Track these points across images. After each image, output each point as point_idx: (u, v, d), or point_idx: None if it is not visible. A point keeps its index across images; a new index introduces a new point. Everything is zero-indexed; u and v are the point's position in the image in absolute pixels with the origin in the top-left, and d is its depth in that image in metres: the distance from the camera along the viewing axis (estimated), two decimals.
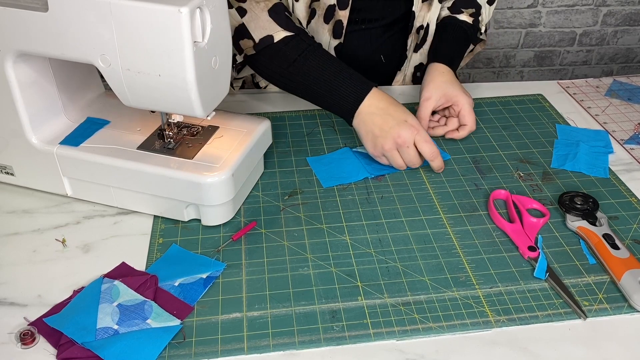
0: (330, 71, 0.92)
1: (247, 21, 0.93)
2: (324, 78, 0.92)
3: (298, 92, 0.97)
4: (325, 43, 1.05)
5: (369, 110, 0.90)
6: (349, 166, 0.92)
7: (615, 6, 2.35)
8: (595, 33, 2.41)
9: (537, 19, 2.34)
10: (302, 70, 0.93)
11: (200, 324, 0.68)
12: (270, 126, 0.88)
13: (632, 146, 0.98)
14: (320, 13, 1.01)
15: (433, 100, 0.97)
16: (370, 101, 0.90)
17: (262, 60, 0.96)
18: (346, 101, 0.91)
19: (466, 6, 1.09)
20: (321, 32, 1.03)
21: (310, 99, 0.96)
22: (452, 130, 0.98)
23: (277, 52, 0.94)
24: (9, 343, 0.66)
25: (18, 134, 0.80)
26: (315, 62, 0.93)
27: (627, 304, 0.71)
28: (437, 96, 0.98)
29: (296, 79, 0.94)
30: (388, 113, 0.89)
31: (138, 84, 0.71)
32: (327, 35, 1.04)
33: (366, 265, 0.76)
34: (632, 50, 2.49)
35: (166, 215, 0.82)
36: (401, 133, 0.87)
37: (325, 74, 0.92)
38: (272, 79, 0.99)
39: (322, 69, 0.92)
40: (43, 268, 0.75)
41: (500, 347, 0.66)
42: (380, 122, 0.89)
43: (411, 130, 0.88)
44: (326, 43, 1.05)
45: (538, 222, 0.81)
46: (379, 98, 0.91)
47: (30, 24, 0.70)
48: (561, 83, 1.17)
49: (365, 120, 0.90)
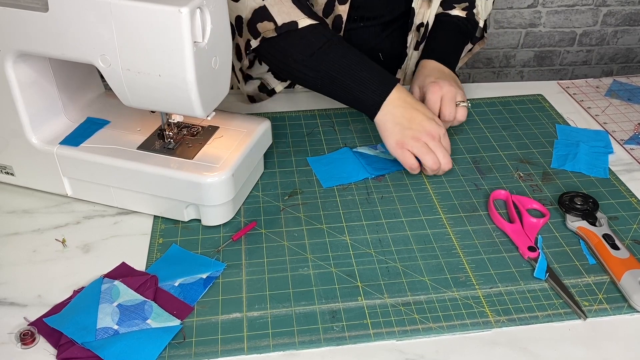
0: (356, 62, 0.91)
1: (269, 4, 0.91)
2: (350, 69, 0.90)
3: (317, 82, 0.93)
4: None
5: (396, 104, 0.89)
6: (349, 166, 0.92)
7: (615, 6, 2.35)
8: (595, 33, 2.41)
9: (537, 19, 2.34)
10: (326, 59, 0.91)
11: (200, 324, 0.68)
12: (270, 126, 0.88)
13: (632, 146, 0.98)
14: (319, 8, 1.00)
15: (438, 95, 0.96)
16: (398, 94, 0.90)
17: (281, 44, 0.93)
18: (374, 93, 0.90)
19: (458, 1, 1.10)
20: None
21: (331, 91, 0.94)
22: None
23: (300, 39, 0.91)
24: (9, 343, 0.66)
25: (18, 134, 0.80)
26: (341, 52, 0.91)
27: (627, 304, 0.71)
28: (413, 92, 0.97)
29: (320, 68, 0.91)
30: (416, 108, 0.89)
31: (138, 84, 0.71)
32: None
33: (366, 266, 0.76)
34: (632, 50, 2.49)
35: (166, 215, 0.82)
36: (432, 127, 0.88)
37: (351, 64, 0.90)
38: (288, 67, 0.95)
39: (348, 58, 0.91)
40: (43, 268, 0.75)
41: (500, 347, 0.66)
42: (409, 115, 0.88)
43: (439, 128, 0.88)
44: None
45: (538, 222, 0.81)
46: (406, 93, 0.91)
47: (30, 24, 0.70)
48: (561, 83, 1.17)
49: (393, 113, 0.89)
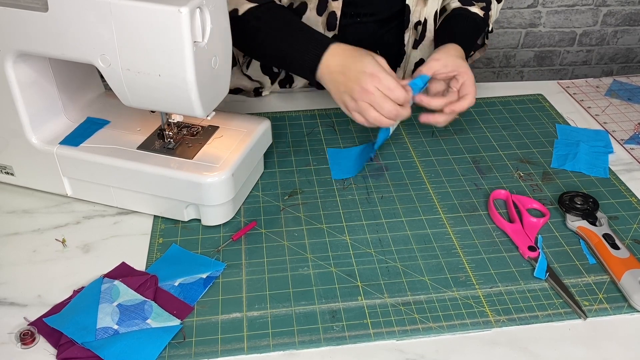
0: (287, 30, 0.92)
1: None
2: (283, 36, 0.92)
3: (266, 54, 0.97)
4: None
5: (329, 70, 0.88)
6: (360, 159, 0.93)
7: (615, 6, 2.35)
8: (595, 33, 2.41)
9: (537, 19, 2.34)
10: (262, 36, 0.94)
11: (200, 324, 0.68)
12: (270, 126, 0.88)
13: (632, 146, 0.98)
14: (313, 7, 1.01)
15: (441, 63, 0.92)
16: (329, 59, 0.88)
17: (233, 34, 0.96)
18: (305, 58, 0.90)
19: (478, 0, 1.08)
20: (315, 25, 1.03)
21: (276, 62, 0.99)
22: (452, 102, 0.92)
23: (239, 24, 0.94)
24: (9, 343, 0.66)
25: (18, 134, 0.80)
26: (276, 24, 0.94)
27: (627, 304, 0.71)
28: (446, 62, 0.92)
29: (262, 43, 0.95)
30: (347, 66, 0.87)
31: (138, 84, 0.71)
32: (321, 28, 1.03)
33: (366, 265, 0.76)
34: (632, 50, 2.48)
35: (166, 215, 0.82)
36: (362, 84, 0.84)
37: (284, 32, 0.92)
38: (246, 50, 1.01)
39: (280, 29, 0.93)
40: (43, 268, 0.75)
41: (500, 347, 0.66)
42: (343, 78, 0.87)
43: (371, 79, 0.84)
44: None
45: (538, 222, 0.81)
46: (336, 54, 0.88)
47: (30, 24, 0.70)
48: (561, 83, 1.17)
49: (330, 80, 0.88)
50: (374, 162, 0.94)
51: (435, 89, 0.96)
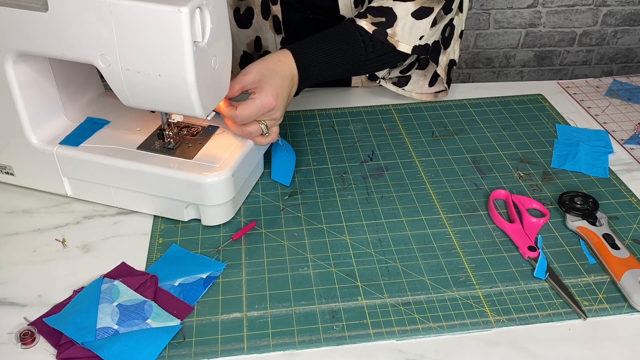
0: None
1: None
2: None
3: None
4: (271, 40, 1.06)
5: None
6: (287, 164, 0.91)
7: (615, 6, 2.35)
8: (595, 33, 2.41)
9: (537, 19, 2.34)
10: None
11: (200, 324, 0.68)
12: None
13: (632, 146, 0.98)
14: (258, 11, 1.02)
15: (248, 78, 0.82)
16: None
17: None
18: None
19: (377, 14, 0.92)
20: (264, 30, 1.04)
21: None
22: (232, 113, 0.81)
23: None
24: (9, 343, 0.66)
25: (18, 134, 0.80)
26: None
27: (627, 304, 0.71)
28: (254, 77, 0.82)
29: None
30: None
31: (138, 84, 0.71)
32: (270, 32, 1.04)
33: (366, 265, 0.76)
34: (632, 50, 2.49)
35: (166, 215, 0.82)
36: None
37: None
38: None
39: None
40: (43, 268, 0.75)
41: (500, 347, 0.66)
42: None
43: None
44: (272, 40, 1.06)
45: (538, 222, 0.81)
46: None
47: (30, 24, 0.70)
48: (561, 83, 1.17)
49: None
50: (374, 162, 0.94)
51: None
